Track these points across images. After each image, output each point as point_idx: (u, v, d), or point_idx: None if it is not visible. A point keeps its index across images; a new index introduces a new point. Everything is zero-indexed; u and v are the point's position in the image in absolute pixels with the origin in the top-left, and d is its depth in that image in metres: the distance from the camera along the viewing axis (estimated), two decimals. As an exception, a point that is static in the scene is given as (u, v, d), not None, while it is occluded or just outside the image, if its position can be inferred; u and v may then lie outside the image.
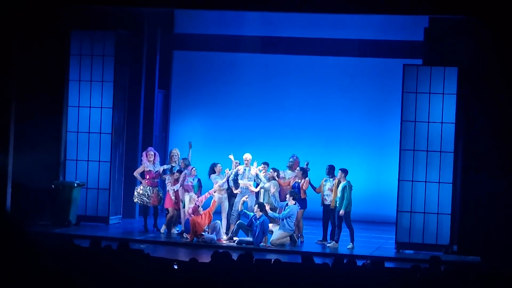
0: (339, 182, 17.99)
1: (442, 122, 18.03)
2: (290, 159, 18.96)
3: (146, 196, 18.99)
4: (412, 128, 18.13)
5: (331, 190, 18.11)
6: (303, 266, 11.97)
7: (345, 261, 12.03)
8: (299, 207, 18.05)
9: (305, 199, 18.37)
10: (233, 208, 18.52)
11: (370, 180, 22.11)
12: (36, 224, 18.84)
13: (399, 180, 18.21)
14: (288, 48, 22.71)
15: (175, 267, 11.38)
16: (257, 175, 18.63)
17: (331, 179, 18.22)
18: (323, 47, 22.43)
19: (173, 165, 19.04)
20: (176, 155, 19.13)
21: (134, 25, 20.66)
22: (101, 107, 19.84)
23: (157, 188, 19.15)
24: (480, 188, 17.44)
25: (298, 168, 18.56)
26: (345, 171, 18.04)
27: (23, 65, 18.80)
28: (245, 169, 18.58)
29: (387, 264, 13.52)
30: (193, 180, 18.66)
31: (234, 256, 11.79)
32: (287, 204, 17.95)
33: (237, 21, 22.61)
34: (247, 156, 18.73)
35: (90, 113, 19.86)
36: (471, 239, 17.62)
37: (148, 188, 18.99)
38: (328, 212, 18.24)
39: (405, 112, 18.19)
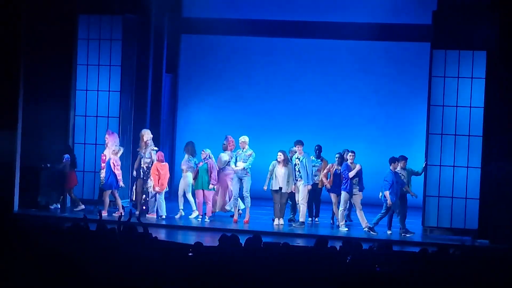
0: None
1: (470, 106, 17.94)
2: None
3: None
4: (440, 112, 18.03)
5: (319, 170, 18.57)
6: (312, 249, 11.94)
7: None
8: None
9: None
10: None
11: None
12: (45, 208, 18.95)
13: (426, 165, 18.13)
14: (297, 31, 22.56)
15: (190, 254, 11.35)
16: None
17: (319, 160, 18.63)
18: (333, 30, 22.26)
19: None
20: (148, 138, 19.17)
21: (141, 9, 20.61)
22: (109, 91, 19.85)
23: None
24: (509, 173, 17.27)
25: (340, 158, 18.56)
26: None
27: (31, 49, 18.82)
28: (241, 152, 18.64)
29: (413, 249, 13.53)
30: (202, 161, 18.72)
31: (242, 240, 11.78)
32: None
33: (245, 5, 22.52)
34: (244, 138, 18.72)
35: (98, 97, 19.89)
36: (500, 224, 17.35)
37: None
38: (316, 191, 18.55)
39: (432, 96, 18.11)
